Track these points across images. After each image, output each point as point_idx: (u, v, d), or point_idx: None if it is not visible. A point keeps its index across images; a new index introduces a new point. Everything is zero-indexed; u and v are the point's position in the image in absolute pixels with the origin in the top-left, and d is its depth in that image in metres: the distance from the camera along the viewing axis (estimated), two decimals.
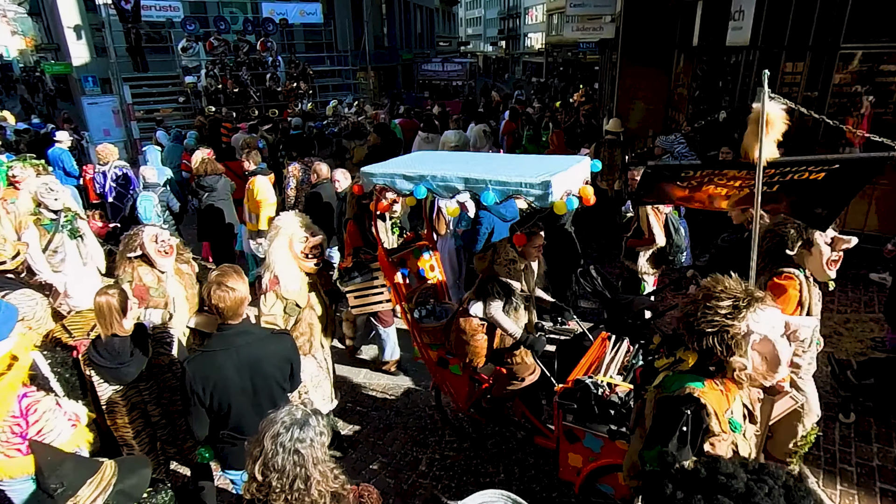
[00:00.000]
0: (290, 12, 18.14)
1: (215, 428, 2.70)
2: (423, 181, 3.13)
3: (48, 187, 4.78)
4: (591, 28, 13.33)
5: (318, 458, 1.72)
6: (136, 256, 3.55)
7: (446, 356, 3.87)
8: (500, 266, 3.45)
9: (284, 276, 3.52)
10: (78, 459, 1.95)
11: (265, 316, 3.52)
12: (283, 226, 3.58)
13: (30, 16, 34.68)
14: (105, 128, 14.49)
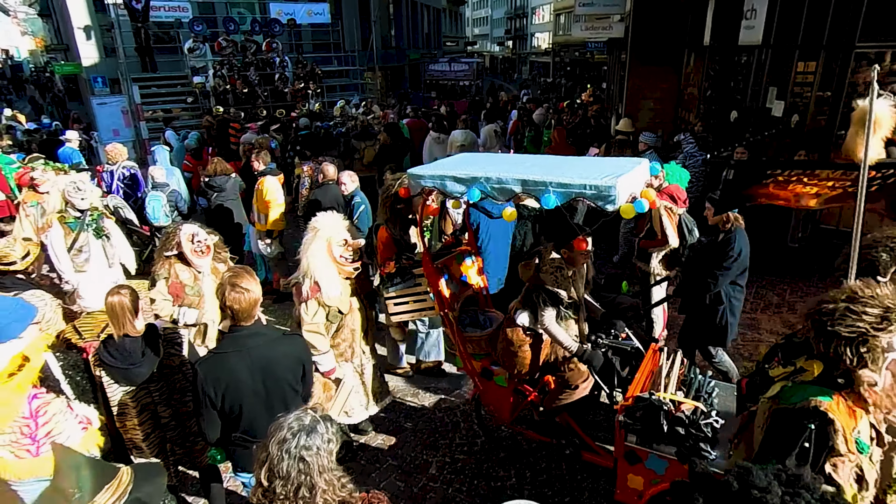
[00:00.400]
0: (297, 12, 18.15)
1: (227, 430, 2.67)
2: (477, 183, 2.98)
3: (76, 186, 4.76)
4: (599, 27, 13.25)
5: (325, 467, 1.69)
6: (173, 255, 3.55)
7: (491, 367, 3.72)
8: (547, 274, 3.29)
9: (325, 282, 3.37)
10: (96, 464, 1.93)
11: (308, 325, 3.39)
12: (321, 228, 3.44)
13: (40, 16, 34.95)
14: (114, 128, 14.54)
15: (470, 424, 4.30)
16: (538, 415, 3.73)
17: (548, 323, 3.27)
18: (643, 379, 3.24)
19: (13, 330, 2.64)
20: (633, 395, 3.04)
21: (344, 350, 3.62)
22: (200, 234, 3.58)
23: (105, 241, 4.93)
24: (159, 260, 3.60)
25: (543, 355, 3.49)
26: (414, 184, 3.28)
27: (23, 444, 2.72)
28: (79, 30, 17.87)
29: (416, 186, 3.27)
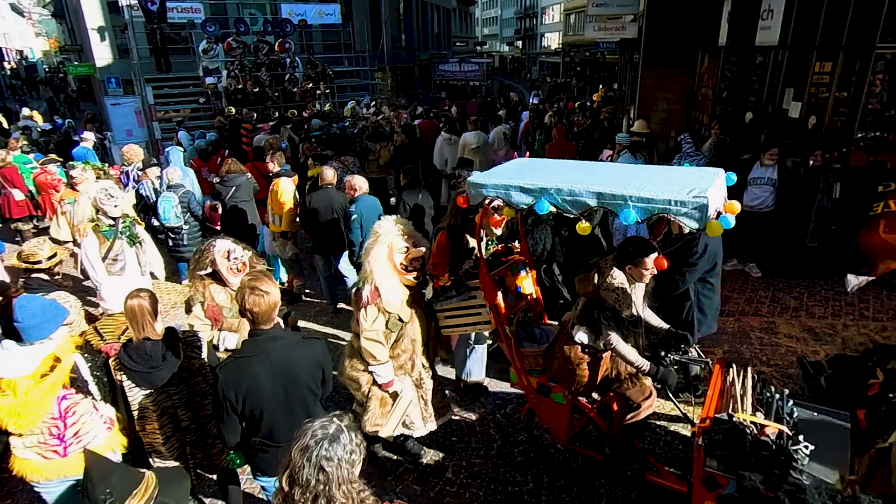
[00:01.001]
0: (308, 13, 18.17)
1: (247, 434, 2.67)
2: (546, 195, 2.80)
3: (108, 193, 4.66)
4: (612, 28, 13.18)
5: (344, 478, 1.67)
6: (207, 274, 3.34)
7: (548, 384, 3.56)
8: (608, 292, 3.12)
9: (385, 289, 3.25)
10: (124, 470, 1.94)
11: (367, 331, 3.26)
12: (383, 234, 3.31)
13: (54, 17, 35.32)
14: (128, 128, 14.64)
15: (486, 428, 4.29)
16: (609, 446, 3.52)
17: (615, 342, 3.12)
18: (715, 397, 3.04)
19: (45, 330, 2.68)
20: (709, 415, 2.85)
21: (404, 362, 3.45)
22: (236, 251, 3.37)
23: (138, 249, 4.86)
24: (192, 280, 3.41)
25: (602, 372, 3.36)
26: (475, 193, 3.11)
27: (51, 445, 2.76)
28: (93, 31, 18.03)
29: (478, 196, 3.11)
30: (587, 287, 3.23)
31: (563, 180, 2.84)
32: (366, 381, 3.45)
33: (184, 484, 1.96)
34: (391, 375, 3.42)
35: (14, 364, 2.60)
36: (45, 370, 2.65)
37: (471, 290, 3.64)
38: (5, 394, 2.58)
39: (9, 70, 40.11)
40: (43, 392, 2.62)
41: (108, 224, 4.69)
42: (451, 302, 3.65)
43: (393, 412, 3.47)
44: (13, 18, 45.03)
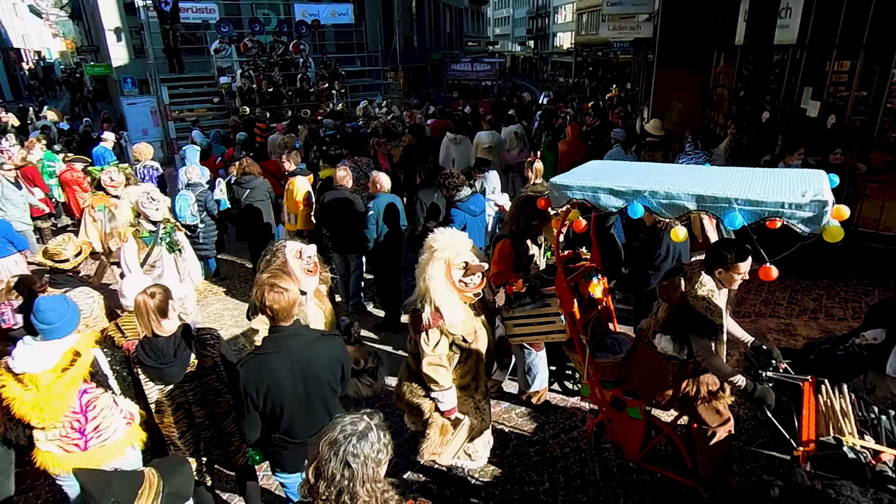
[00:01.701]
0: (321, 13, 18.28)
1: (267, 431, 2.68)
2: (639, 197, 2.64)
3: (150, 196, 4.50)
4: (626, 27, 13.10)
5: (369, 476, 1.66)
6: None
7: (623, 397, 3.35)
8: (699, 300, 2.87)
9: (447, 309, 2.95)
10: (121, 475, 1.96)
11: (429, 356, 3.01)
12: (440, 248, 2.99)
13: (71, 18, 35.78)
14: (143, 127, 14.82)
15: (500, 428, 4.27)
16: (704, 489, 3.25)
17: (707, 354, 2.88)
18: (811, 418, 2.80)
19: (64, 330, 2.72)
20: (811, 438, 2.62)
21: (468, 384, 3.20)
22: (308, 250, 3.22)
23: (177, 256, 4.71)
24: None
25: (683, 386, 3.11)
26: (559, 195, 2.90)
27: (72, 439, 2.79)
28: (109, 31, 18.27)
29: (562, 199, 2.90)
30: (673, 294, 3.01)
31: (656, 182, 2.68)
32: (428, 407, 3.19)
33: (184, 469, 1.97)
34: (454, 402, 3.17)
35: (36, 359, 2.65)
36: (66, 364, 2.70)
37: (545, 297, 3.43)
38: (28, 388, 2.63)
39: (27, 70, 40.70)
40: (64, 386, 2.66)
41: (148, 230, 4.56)
42: (524, 310, 3.43)
43: (454, 440, 3.24)
44: (31, 20, 45.70)
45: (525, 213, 3.83)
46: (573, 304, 3.27)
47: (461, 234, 3.11)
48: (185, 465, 2.01)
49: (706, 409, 3.11)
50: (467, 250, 3.04)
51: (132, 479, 1.86)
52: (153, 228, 4.55)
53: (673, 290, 3.01)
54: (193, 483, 2.04)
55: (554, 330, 3.46)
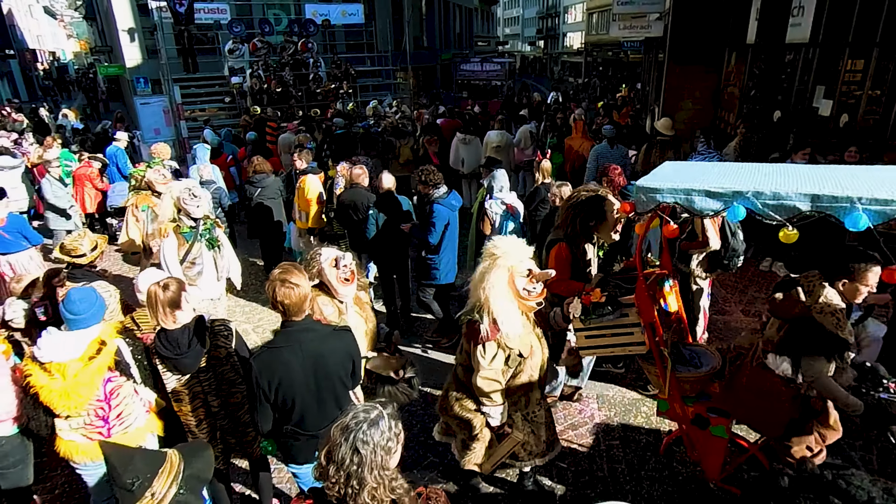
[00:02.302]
0: (332, 13, 18.37)
1: (279, 423, 2.74)
2: (741, 199, 2.45)
3: (191, 193, 4.43)
4: (637, 26, 13.07)
5: (377, 464, 1.69)
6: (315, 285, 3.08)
7: (707, 414, 3.17)
8: (827, 316, 2.64)
9: (506, 321, 2.78)
10: (144, 453, 2.01)
11: (485, 370, 2.84)
12: (502, 255, 2.80)
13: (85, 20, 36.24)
14: (156, 127, 14.96)
15: None
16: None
17: (820, 376, 2.66)
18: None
19: (91, 321, 2.79)
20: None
21: (517, 399, 3.06)
22: (345, 258, 3.10)
23: (216, 253, 4.62)
24: None
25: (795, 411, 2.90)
26: (646, 199, 2.72)
27: (96, 427, 2.86)
28: (123, 32, 18.47)
29: (650, 202, 2.71)
30: (792, 308, 2.76)
31: (764, 183, 2.50)
32: (479, 423, 3.07)
33: (206, 454, 2.01)
34: (504, 417, 3.03)
35: (63, 348, 2.72)
36: (93, 353, 2.77)
37: (623, 307, 3.20)
38: (54, 377, 2.70)
39: (41, 71, 41.26)
40: (91, 374, 2.73)
41: (189, 225, 4.47)
42: (602, 321, 3.20)
43: (497, 450, 3.13)
44: (46, 21, 46.34)
45: (581, 215, 3.68)
46: (654, 313, 3.07)
47: (521, 241, 2.94)
48: (206, 450, 2.05)
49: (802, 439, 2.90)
50: (529, 257, 2.89)
51: (154, 457, 1.90)
52: (193, 224, 4.49)
53: (791, 304, 2.76)
54: (213, 468, 2.08)
55: (632, 342, 3.22)
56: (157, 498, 1.75)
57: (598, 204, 3.66)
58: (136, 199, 5.26)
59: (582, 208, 3.69)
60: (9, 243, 5.61)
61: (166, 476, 1.88)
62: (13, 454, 3.08)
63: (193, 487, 1.88)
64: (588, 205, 3.66)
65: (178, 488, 1.89)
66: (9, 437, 3.03)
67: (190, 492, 1.85)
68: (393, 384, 3.22)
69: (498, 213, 5.79)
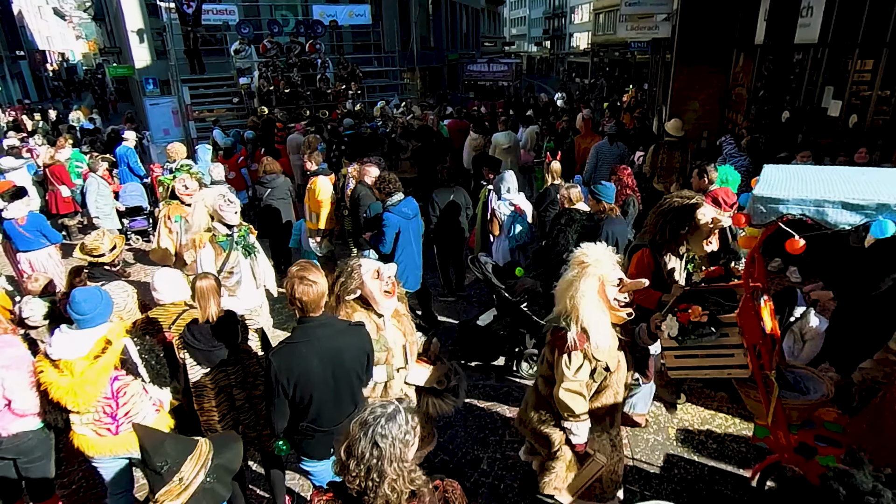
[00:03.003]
0: (339, 14, 18.44)
1: (295, 419, 2.77)
2: (888, 212, 2.20)
3: (227, 199, 4.24)
4: (645, 27, 13.06)
5: (396, 457, 1.73)
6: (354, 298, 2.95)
7: (815, 443, 2.95)
8: None
9: (596, 331, 2.62)
10: (176, 438, 2.05)
11: (569, 382, 2.67)
12: (592, 263, 2.65)
13: (94, 21, 36.50)
14: (165, 127, 15.09)
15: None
16: None
17: None
18: None
19: (98, 319, 2.85)
20: None
21: (602, 419, 2.86)
22: (386, 269, 2.95)
23: (253, 260, 4.43)
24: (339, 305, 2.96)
25: None
26: (765, 210, 2.46)
27: (104, 423, 2.92)
28: (132, 33, 18.60)
29: (770, 213, 2.45)
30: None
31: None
32: (559, 439, 2.87)
33: (236, 447, 2.05)
34: (587, 435, 2.84)
35: (71, 346, 2.78)
36: (98, 352, 2.83)
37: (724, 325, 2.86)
38: (63, 374, 2.77)
39: (51, 72, 41.59)
40: (97, 372, 2.79)
41: (224, 234, 4.27)
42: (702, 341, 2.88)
43: (579, 476, 2.91)
44: (56, 22, 46.69)
45: (672, 223, 3.47)
46: (759, 334, 2.81)
47: (610, 249, 2.77)
48: (237, 442, 2.09)
49: None
50: (619, 266, 2.76)
51: (185, 444, 1.94)
52: (228, 232, 4.30)
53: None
54: (241, 460, 2.12)
55: (733, 364, 2.89)
56: (185, 483, 1.79)
57: (690, 212, 3.46)
58: (169, 209, 5.04)
59: (673, 215, 3.49)
60: (29, 241, 5.73)
61: (195, 462, 1.92)
62: (39, 448, 3.16)
63: (221, 477, 1.92)
64: (680, 212, 3.47)
65: (206, 476, 1.92)
66: (35, 431, 3.11)
67: (217, 481, 1.89)
68: (438, 395, 3.10)
69: (506, 213, 5.83)
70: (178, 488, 1.78)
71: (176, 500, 1.77)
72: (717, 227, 3.38)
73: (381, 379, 2.93)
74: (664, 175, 7.41)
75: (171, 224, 5.00)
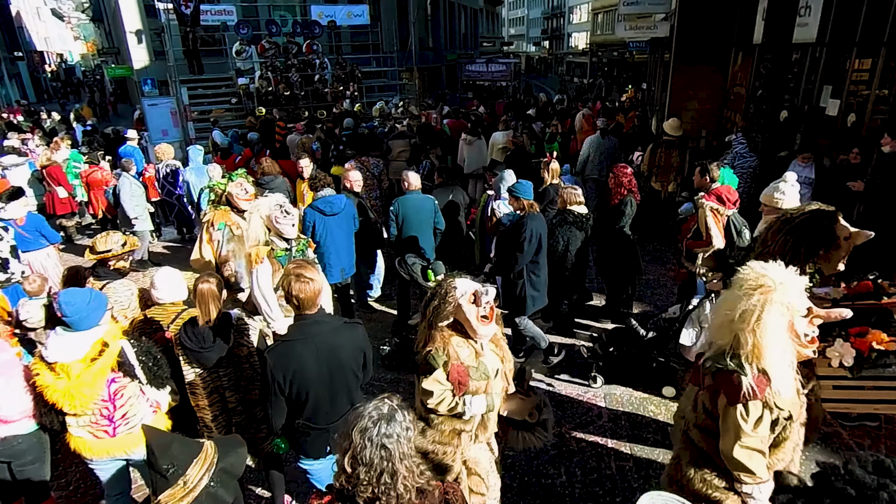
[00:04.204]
0: (337, 14, 18.45)
1: (291, 417, 2.77)
2: None
3: (284, 209, 3.87)
4: (643, 27, 13.07)
5: (405, 454, 1.74)
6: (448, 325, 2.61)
7: None
8: None
9: (778, 374, 2.14)
10: (182, 441, 2.04)
11: (748, 437, 2.15)
12: (780, 288, 2.14)
13: (92, 22, 36.47)
14: (163, 128, 15.06)
15: None
16: None
17: None
18: None
19: (93, 320, 2.83)
20: None
21: (771, 477, 2.31)
22: (486, 292, 2.58)
23: None
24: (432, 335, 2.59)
25: None
26: None
27: (101, 426, 2.91)
28: (130, 34, 18.63)
29: None
30: None
31: None
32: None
33: (240, 450, 2.04)
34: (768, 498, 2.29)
35: (67, 349, 2.76)
36: (95, 354, 2.80)
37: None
38: (60, 377, 2.75)
39: (49, 73, 41.55)
40: (94, 375, 2.77)
41: (282, 248, 3.89)
42: (884, 371, 2.47)
43: None
44: (54, 23, 46.65)
45: (807, 241, 3.05)
46: None
47: (791, 269, 2.26)
48: (242, 446, 2.07)
49: None
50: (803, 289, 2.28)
51: (191, 446, 1.93)
52: (287, 246, 3.92)
53: None
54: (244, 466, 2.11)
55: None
56: (189, 486, 1.78)
57: (828, 227, 3.05)
58: (214, 216, 4.58)
59: (807, 231, 3.07)
60: (28, 241, 5.72)
61: (200, 465, 1.90)
62: (30, 452, 3.12)
63: (224, 481, 1.90)
64: (815, 227, 3.06)
65: (210, 480, 1.91)
66: (25, 436, 3.07)
67: (220, 485, 1.87)
68: (529, 429, 2.84)
69: (505, 213, 5.82)
70: (182, 492, 1.77)
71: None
72: (856, 241, 2.94)
73: (480, 410, 2.60)
74: (661, 174, 7.42)
75: (214, 232, 4.54)
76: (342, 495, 1.77)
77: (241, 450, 2.02)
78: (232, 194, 4.51)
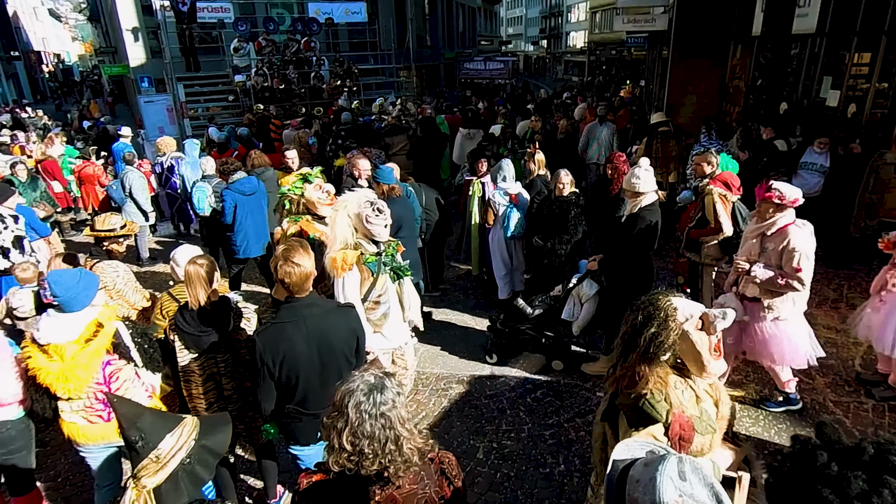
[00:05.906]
0: (335, 12, 18.40)
1: (281, 402, 2.70)
2: None
3: (375, 207, 3.30)
4: (642, 20, 13.01)
5: (403, 417, 1.73)
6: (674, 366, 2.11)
7: None
8: None
9: None
10: (157, 413, 1.95)
11: None
12: None
13: (89, 21, 36.40)
14: (160, 125, 15.02)
15: (516, 411, 4.26)
16: None
17: None
18: None
19: (85, 299, 2.76)
20: None
21: None
22: (724, 316, 2.02)
23: (400, 287, 3.54)
24: (640, 371, 2.04)
25: None
26: None
27: (96, 410, 2.84)
28: (127, 32, 18.55)
29: None
30: None
31: None
32: None
33: (225, 430, 1.94)
34: None
35: (60, 330, 2.69)
36: (89, 335, 2.74)
37: None
38: (53, 359, 2.68)
39: (46, 73, 41.47)
40: (88, 356, 2.70)
41: (372, 252, 3.33)
42: None
43: None
44: (51, 23, 46.58)
45: None
46: None
47: None
48: (227, 424, 1.97)
49: None
50: None
51: (165, 419, 1.83)
52: (377, 250, 3.37)
53: None
54: (228, 444, 2.02)
55: None
56: (162, 461, 1.70)
57: None
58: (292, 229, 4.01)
59: None
60: None
61: (175, 438, 1.79)
62: (19, 438, 3.05)
63: (204, 459, 1.81)
64: None
65: (187, 456, 1.81)
66: (14, 422, 3.01)
67: (198, 462, 1.78)
68: (731, 486, 2.08)
69: (502, 203, 5.76)
70: (155, 466, 1.69)
71: (153, 478, 1.68)
72: None
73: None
74: (658, 165, 7.37)
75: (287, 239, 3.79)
76: (343, 476, 1.71)
77: (226, 428, 1.93)
78: (312, 201, 3.95)
